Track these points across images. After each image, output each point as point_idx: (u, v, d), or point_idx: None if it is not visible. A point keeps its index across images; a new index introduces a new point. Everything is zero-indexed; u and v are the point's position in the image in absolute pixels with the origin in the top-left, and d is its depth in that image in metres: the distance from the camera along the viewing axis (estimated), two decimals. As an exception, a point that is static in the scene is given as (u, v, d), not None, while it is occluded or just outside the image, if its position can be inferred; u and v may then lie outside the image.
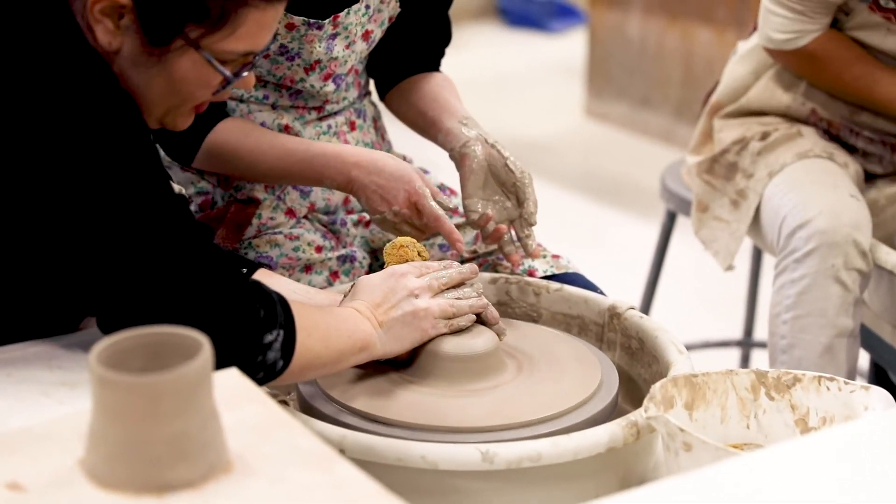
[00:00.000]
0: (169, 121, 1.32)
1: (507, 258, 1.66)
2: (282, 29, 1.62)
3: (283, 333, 1.24)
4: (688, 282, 3.30)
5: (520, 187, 1.63)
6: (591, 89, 4.71)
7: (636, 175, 4.16)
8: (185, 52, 1.24)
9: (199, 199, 1.71)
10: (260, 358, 1.23)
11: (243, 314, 1.22)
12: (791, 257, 1.95)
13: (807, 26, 2.03)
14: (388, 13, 1.72)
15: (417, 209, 1.58)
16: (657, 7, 4.36)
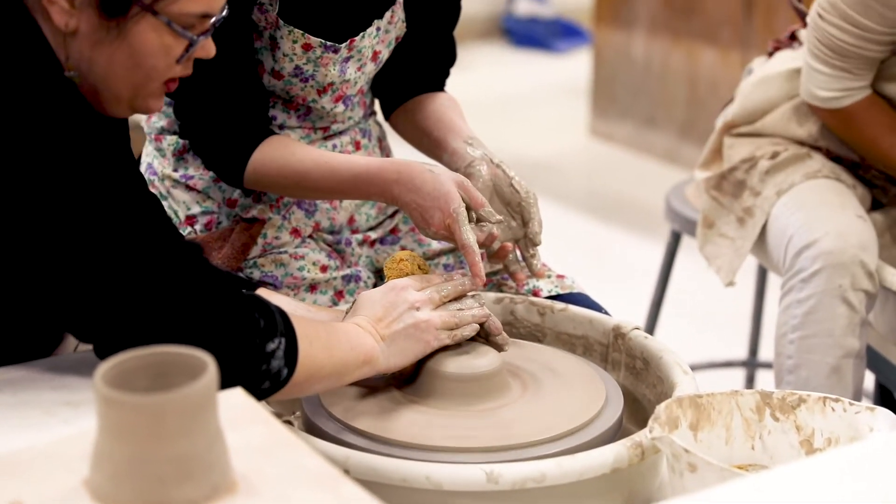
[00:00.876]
0: (140, 104, 1.31)
1: (512, 277, 1.66)
2: (298, 49, 1.63)
3: (285, 341, 1.24)
4: (692, 302, 3.30)
5: (525, 207, 1.63)
6: (595, 109, 4.72)
7: (641, 195, 4.16)
8: (142, 19, 1.24)
9: (204, 220, 1.72)
10: (264, 366, 1.23)
11: (243, 325, 1.22)
12: (797, 277, 1.94)
13: (851, 84, 2.00)
14: (396, 33, 1.73)
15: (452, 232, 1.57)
16: (662, 28, 4.37)
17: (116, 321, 1.19)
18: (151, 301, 1.19)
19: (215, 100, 1.63)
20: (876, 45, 1.95)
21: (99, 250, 1.18)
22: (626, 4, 4.49)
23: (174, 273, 1.21)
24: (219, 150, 1.65)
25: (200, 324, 1.20)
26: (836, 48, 1.97)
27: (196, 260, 1.24)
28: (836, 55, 1.98)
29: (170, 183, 1.73)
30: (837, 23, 1.95)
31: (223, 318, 1.21)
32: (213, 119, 1.64)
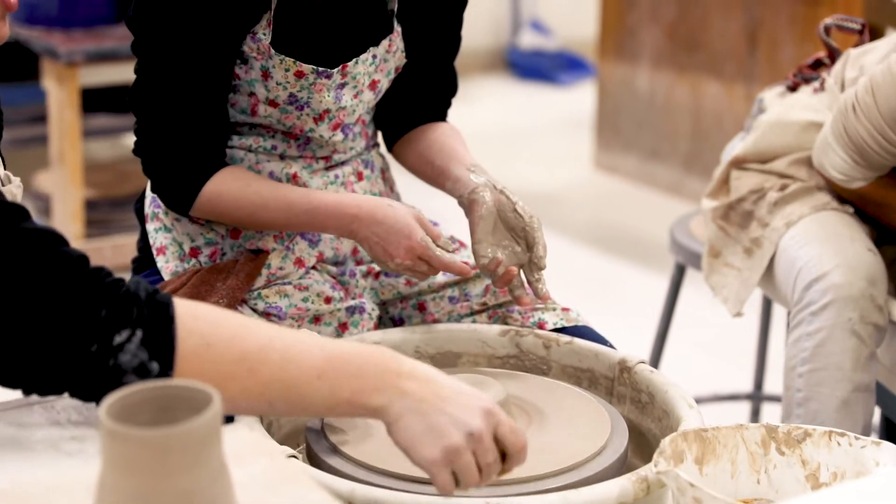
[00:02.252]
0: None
1: (518, 301, 1.66)
2: (291, 77, 1.64)
3: (144, 332, 1.11)
4: (697, 334, 3.29)
5: (529, 232, 1.64)
6: (599, 142, 4.73)
7: (645, 228, 4.17)
8: None
9: (209, 251, 1.72)
10: (112, 361, 1.11)
11: (70, 316, 1.10)
12: (807, 310, 1.94)
13: (863, 174, 2.00)
14: (395, 63, 1.74)
15: (424, 260, 1.59)
16: (666, 61, 4.38)
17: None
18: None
19: (175, 124, 1.64)
20: (894, 156, 1.95)
21: None
22: (630, 38, 4.50)
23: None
24: (171, 174, 1.66)
25: (19, 309, 1.09)
26: (860, 148, 1.97)
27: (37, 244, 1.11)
28: (858, 153, 1.97)
29: (174, 216, 1.74)
30: (868, 127, 1.95)
31: (46, 306, 1.10)
32: (170, 143, 1.65)
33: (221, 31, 1.61)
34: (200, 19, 1.60)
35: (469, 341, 1.67)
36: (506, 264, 1.64)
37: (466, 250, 1.82)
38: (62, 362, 1.11)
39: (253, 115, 1.69)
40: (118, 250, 3.47)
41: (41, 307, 1.10)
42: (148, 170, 1.68)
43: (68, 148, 3.46)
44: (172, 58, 1.62)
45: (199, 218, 1.70)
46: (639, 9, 4.44)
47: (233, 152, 1.71)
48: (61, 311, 1.10)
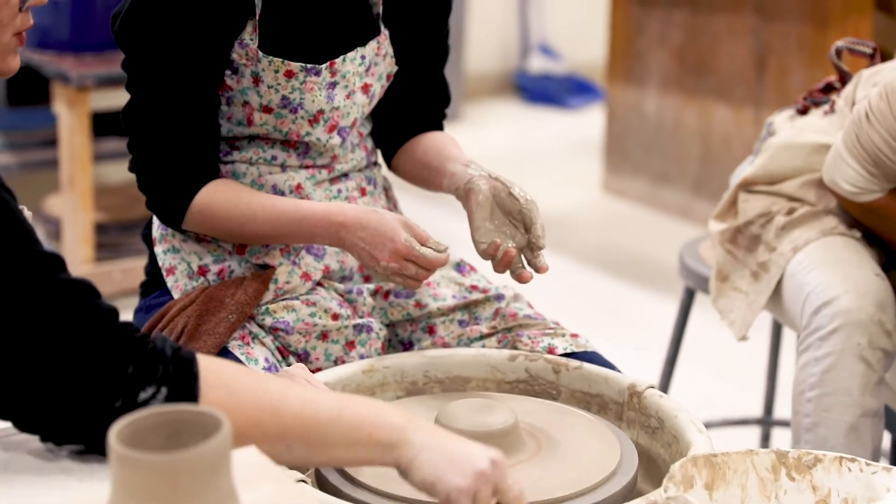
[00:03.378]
0: (3, 65, 1.31)
1: (519, 278, 1.66)
2: (281, 78, 1.66)
3: (168, 390, 1.13)
4: (707, 359, 3.29)
5: (525, 213, 1.65)
6: (608, 165, 4.73)
7: (654, 251, 4.16)
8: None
9: (217, 268, 1.73)
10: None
11: (97, 372, 1.12)
12: (815, 335, 1.94)
13: (879, 185, 2.01)
14: (386, 69, 1.76)
15: (411, 260, 1.60)
16: (674, 85, 4.39)
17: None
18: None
19: (165, 137, 1.67)
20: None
21: None
22: (639, 62, 4.51)
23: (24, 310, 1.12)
24: (162, 187, 1.68)
25: (48, 363, 1.11)
26: (873, 155, 1.97)
27: (68, 297, 1.14)
28: (872, 162, 1.98)
29: (181, 237, 1.75)
30: (883, 134, 1.95)
31: (73, 361, 1.12)
32: (161, 156, 1.67)
33: (208, 41, 1.63)
34: (186, 31, 1.62)
35: (478, 366, 1.67)
36: (505, 248, 1.64)
37: (477, 273, 1.83)
38: (85, 415, 1.13)
39: (249, 125, 1.71)
40: (127, 273, 3.47)
41: (70, 359, 1.12)
42: (141, 185, 1.70)
43: (79, 172, 3.47)
44: (160, 71, 1.64)
45: (191, 231, 1.72)
46: (647, 33, 4.45)
47: (234, 167, 1.73)
48: (89, 364, 1.12)
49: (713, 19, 4.16)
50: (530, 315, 1.76)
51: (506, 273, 1.67)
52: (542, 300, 2.09)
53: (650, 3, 4.41)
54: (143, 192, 1.71)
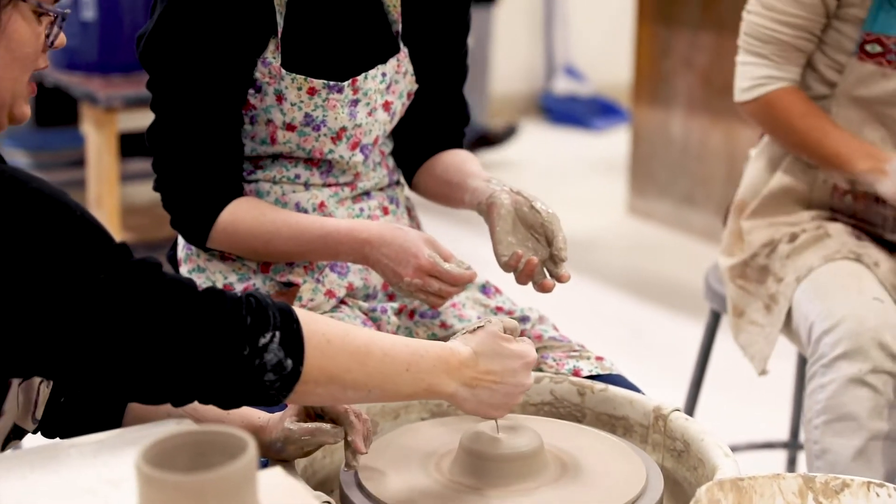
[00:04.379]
0: (17, 108, 1.33)
1: (541, 287, 1.67)
2: (304, 96, 1.67)
3: (281, 334, 1.23)
4: (732, 381, 3.27)
5: (547, 226, 1.65)
6: (633, 187, 4.73)
7: (679, 274, 4.15)
8: (14, 11, 1.27)
9: (241, 286, 1.74)
10: (258, 360, 1.22)
11: (221, 323, 1.21)
12: (819, 363, 1.95)
13: (772, 72, 2.10)
14: (406, 87, 1.77)
15: (434, 276, 1.60)
16: (700, 107, 4.38)
17: (85, 354, 1.19)
18: (118, 326, 1.18)
19: (189, 156, 1.68)
20: (790, 28, 2.07)
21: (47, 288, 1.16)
22: (664, 83, 4.51)
23: (131, 294, 1.19)
24: (186, 206, 1.70)
25: (171, 329, 1.20)
26: (757, 35, 2.10)
27: (152, 273, 1.22)
28: (759, 42, 2.10)
29: (206, 256, 1.76)
30: (758, 10, 2.10)
31: (196, 320, 1.21)
32: (185, 175, 1.69)
33: (231, 60, 1.65)
34: (210, 51, 1.63)
35: (503, 388, 1.67)
36: (527, 258, 1.65)
37: (502, 296, 1.83)
38: (221, 369, 1.22)
39: (273, 144, 1.72)
40: (154, 293, 3.48)
41: (202, 325, 1.21)
42: (166, 204, 1.71)
43: (106, 192, 3.49)
44: (183, 91, 1.65)
45: (215, 250, 1.73)
46: (673, 55, 4.45)
47: (258, 186, 1.74)
48: (217, 325, 1.22)
49: (739, 41, 4.16)
50: (555, 337, 1.75)
51: (528, 285, 1.67)
52: (568, 322, 2.09)
53: (676, 25, 4.42)
54: (167, 211, 1.72)
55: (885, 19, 2.03)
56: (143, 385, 1.22)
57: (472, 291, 1.82)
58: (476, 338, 1.38)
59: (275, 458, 1.42)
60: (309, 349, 1.25)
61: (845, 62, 2.08)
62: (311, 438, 1.40)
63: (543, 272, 1.67)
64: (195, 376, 1.22)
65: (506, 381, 1.38)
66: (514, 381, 1.38)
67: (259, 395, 1.25)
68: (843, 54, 2.08)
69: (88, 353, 1.19)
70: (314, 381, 1.26)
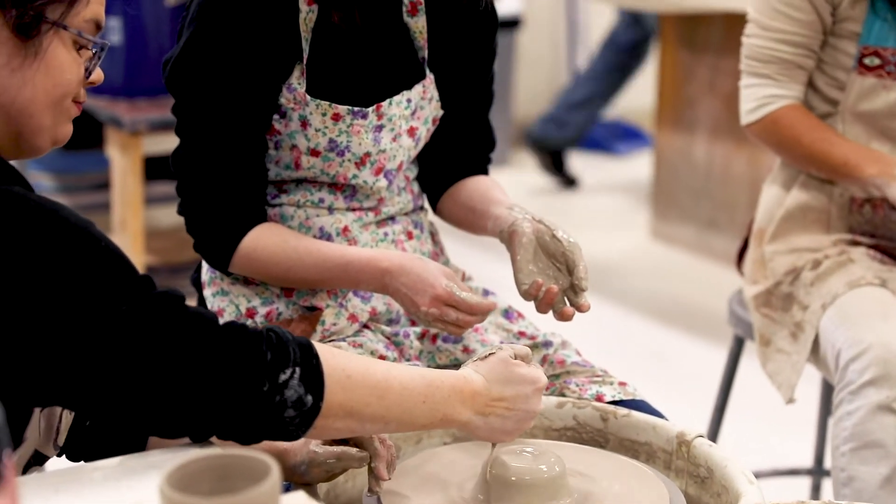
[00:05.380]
0: (60, 130, 1.34)
1: (560, 316, 1.67)
2: (329, 121, 1.68)
3: (301, 370, 1.24)
4: (756, 407, 3.25)
5: (569, 255, 1.65)
6: (657, 211, 4.72)
7: (703, 298, 4.14)
8: (54, 35, 1.29)
9: (264, 311, 1.74)
10: (278, 397, 1.23)
11: (242, 359, 1.22)
12: (847, 390, 1.94)
13: (775, 91, 2.11)
14: (431, 113, 1.78)
15: (451, 305, 1.61)
16: (723, 131, 4.38)
17: (104, 386, 1.19)
18: (138, 359, 1.19)
19: (213, 181, 1.69)
20: (789, 45, 2.09)
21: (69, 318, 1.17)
22: (688, 108, 4.51)
23: (153, 327, 1.20)
24: (209, 231, 1.70)
25: (191, 364, 1.20)
26: (757, 55, 2.12)
27: (174, 306, 1.23)
28: (759, 62, 2.11)
29: (229, 279, 1.76)
30: (756, 32, 2.12)
31: (217, 356, 1.21)
32: (209, 200, 1.70)
33: (257, 85, 1.66)
34: (235, 76, 1.64)
35: (526, 413, 1.66)
36: (547, 286, 1.65)
37: (525, 320, 1.83)
38: (240, 404, 1.22)
39: (297, 169, 1.72)
40: (177, 316, 3.49)
41: (222, 361, 1.22)
42: (189, 228, 1.72)
43: (130, 215, 3.51)
44: (209, 116, 1.66)
45: (238, 274, 1.73)
46: (697, 80, 4.45)
47: (282, 210, 1.75)
48: (238, 361, 1.22)
49: (763, 66, 4.15)
50: (578, 362, 1.75)
51: (549, 313, 1.67)
52: (590, 347, 2.09)
53: (699, 50, 4.42)
54: (191, 234, 1.73)
55: (881, 32, 2.05)
56: (161, 418, 1.23)
57: (494, 316, 1.82)
58: (487, 364, 1.39)
59: (298, 481, 1.41)
60: (329, 384, 1.26)
61: (845, 78, 2.09)
62: (336, 462, 1.40)
63: (564, 301, 1.67)
64: (214, 412, 1.22)
65: (517, 407, 1.39)
66: (526, 406, 1.40)
67: (279, 430, 1.25)
68: (842, 71, 2.09)
69: (107, 386, 1.19)
70: (334, 415, 1.27)
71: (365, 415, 1.29)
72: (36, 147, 1.34)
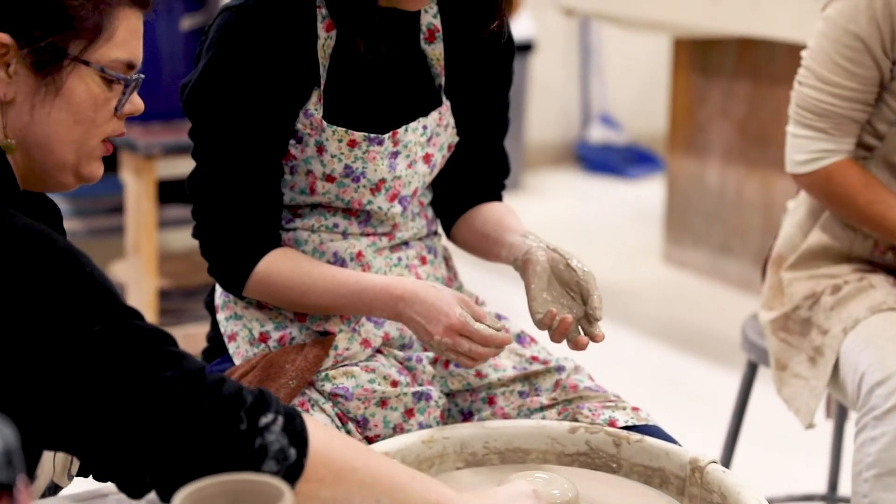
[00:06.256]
0: (84, 168, 1.34)
1: (574, 346, 1.66)
2: (345, 148, 1.68)
3: (283, 420, 1.18)
4: (770, 433, 3.24)
5: (583, 285, 1.65)
6: (669, 236, 4.72)
7: (716, 324, 4.13)
8: (76, 72, 1.29)
9: (277, 335, 1.74)
10: (259, 441, 1.16)
11: (222, 399, 1.17)
12: (871, 415, 1.92)
13: (828, 146, 2.07)
14: (447, 140, 1.78)
15: (465, 336, 1.60)
16: (736, 156, 4.38)
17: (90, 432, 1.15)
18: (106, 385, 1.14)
19: (229, 205, 1.69)
20: (846, 101, 2.04)
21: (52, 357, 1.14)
22: (700, 133, 4.51)
23: (127, 352, 1.16)
24: (224, 255, 1.70)
25: (168, 405, 1.15)
26: (812, 108, 2.06)
27: (158, 347, 1.18)
28: (814, 115, 2.06)
29: (243, 303, 1.76)
30: (812, 83, 2.06)
31: (192, 391, 1.16)
32: (224, 224, 1.70)
33: (274, 111, 1.66)
34: (254, 102, 1.65)
35: (538, 438, 1.66)
36: (562, 316, 1.64)
37: (537, 345, 1.83)
38: (214, 439, 1.15)
39: (312, 194, 1.72)
40: (190, 339, 3.50)
41: (196, 395, 1.16)
42: (204, 251, 1.72)
43: (144, 238, 3.52)
44: (226, 140, 1.67)
45: (252, 298, 1.73)
46: (709, 104, 4.45)
47: (296, 234, 1.75)
48: (214, 400, 1.17)
49: (775, 91, 4.15)
50: (591, 387, 1.75)
51: (563, 343, 1.66)
52: (603, 372, 2.08)
53: (712, 75, 4.42)
54: (205, 258, 1.73)
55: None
56: (127, 456, 1.16)
57: (507, 340, 1.82)
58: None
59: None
60: (313, 442, 1.19)
61: (886, 131, 2.07)
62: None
63: (578, 330, 1.67)
64: (184, 450, 1.15)
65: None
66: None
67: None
68: (884, 124, 2.07)
69: (69, 415, 1.14)
70: (319, 479, 1.19)
71: (352, 481, 1.21)
72: (60, 183, 1.34)
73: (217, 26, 1.66)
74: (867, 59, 2.00)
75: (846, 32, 1.99)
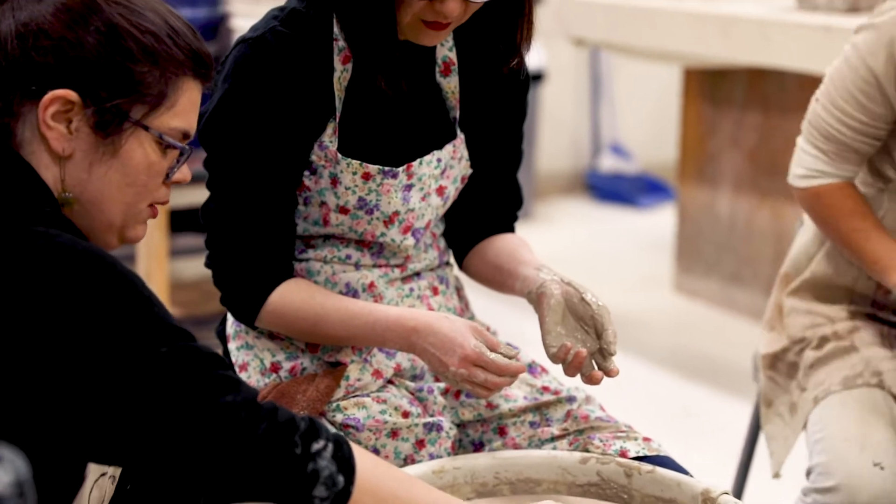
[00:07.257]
0: (129, 230, 1.36)
1: (589, 380, 1.66)
2: (359, 180, 1.69)
3: (333, 447, 1.23)
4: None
5: (597, 319, 1.64)
6: (680, 265, 4.71)
7: (727, 353, 4.12)
8: (135, 135, 1.31)
9: (289, 365, 1.74)
10: (311, 466, 1.21)
11: (277, 423, 1.21)
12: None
13: (825, 168, 2.06)
14: (461, 172, 1.78)
15: (480, 366, 1.59)
16: (747, 185, 4.38)
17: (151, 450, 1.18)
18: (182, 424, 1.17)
19: (243, 235, 1.69)
20: (853, 132, 2.02)
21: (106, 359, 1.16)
22: (711, 162, 4.51)
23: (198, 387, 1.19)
24: (237, 285, 1.71)
25: (229, 429, 1.18)
26: (820, 129, 2.05)
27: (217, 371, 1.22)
28: (820, 136, 2.05)
29: (254, 333, 1.77)
30: (825, 105, 2.05)
31: (250, 415, 1.20)
32: (238, 254, 1.70)
33: (290, 142, 1.67)
34: (269, 133, 1.65)
35: (549, 468, 1.66)
36: (576, 350, 1.64)
37: (548, 375, 1.83)
38: (272, 466, 1.19)
39: (325, 226, 1.73)
40: (200, 368, 3.50)
41: (255, 419, 1.20)
42: (217, 281, 1.72)
43: (155, 267, 3.53)
44: (241, 171, 1.67)
45: (264, 328, 1.73)
46: (720, 134, 4.46)
47: (309, 265, 1.75)
48: (271, 425, 1.20)
49: (786, 120, 4.16)
50: (602, 417, 1.74)
51: (577, 376, 1.66)
52: (614, 403, 2.08)
53: (722, 104, 4.43)
54: (218, 287, 1.73)
55: None
56: (186, 472, 1.20)
57: (518, 370, 1.82)
58: None
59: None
60: (360, 470, 1.24)
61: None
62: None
63: (592, 364, 1.66)
64: (242, 469, 1.19)
65: None
66: None
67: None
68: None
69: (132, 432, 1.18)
70: (358, 501, 1.24)
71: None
72: (104, 243, 1.35)
73: (234, 58, 1.66)
74: (879, 95, 1.98)
75: (864, 65, 1.98)
